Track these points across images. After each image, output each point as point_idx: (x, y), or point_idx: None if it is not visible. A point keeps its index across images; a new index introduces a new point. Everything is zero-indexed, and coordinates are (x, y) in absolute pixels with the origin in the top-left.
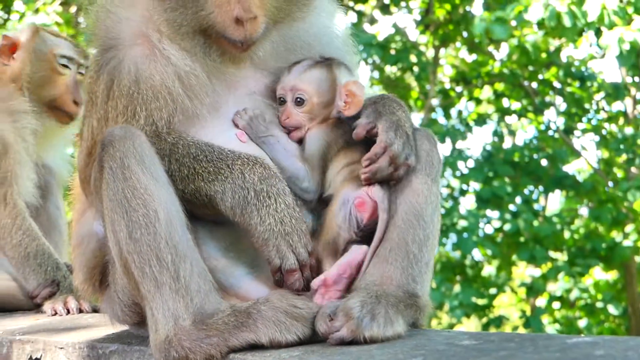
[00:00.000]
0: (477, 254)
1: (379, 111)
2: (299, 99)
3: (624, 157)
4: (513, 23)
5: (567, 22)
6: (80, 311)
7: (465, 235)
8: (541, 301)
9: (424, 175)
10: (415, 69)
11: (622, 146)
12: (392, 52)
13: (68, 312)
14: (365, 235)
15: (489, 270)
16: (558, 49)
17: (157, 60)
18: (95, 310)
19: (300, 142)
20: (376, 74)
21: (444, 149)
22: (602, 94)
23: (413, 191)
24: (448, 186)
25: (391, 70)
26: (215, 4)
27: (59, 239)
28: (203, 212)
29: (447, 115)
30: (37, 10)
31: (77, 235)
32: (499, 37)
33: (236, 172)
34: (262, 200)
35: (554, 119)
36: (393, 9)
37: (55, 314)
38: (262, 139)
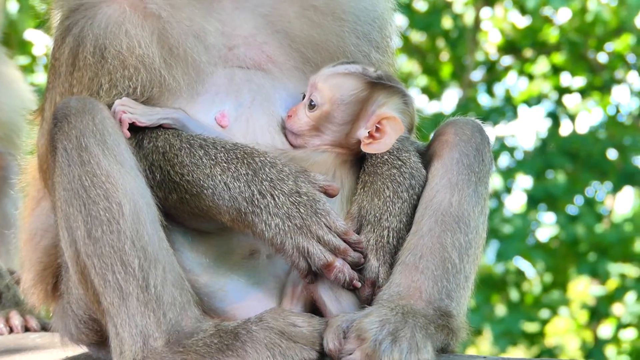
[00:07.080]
0: (523, 266)
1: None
2: (312, 101)
3: None
4: None
5: None
6: (27, 329)
7: (510, 243)
8: (606, 328)
9: (470, 172)
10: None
11: None
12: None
13: (11, 330)
14: None
15: (538, 287)
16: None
17: (131, 19)
18: (45, 328)
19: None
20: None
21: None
22: None
23: (454, 188)
24: None
25: (418, 36)
26: None
27: (11, 243)
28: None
29: (491, 93)
30: None
31: (29, 228)
32: (556, 7)
33: (219, 186)
34: (257, 204)
35: (625, 100)
36: None
37: None
38: None
